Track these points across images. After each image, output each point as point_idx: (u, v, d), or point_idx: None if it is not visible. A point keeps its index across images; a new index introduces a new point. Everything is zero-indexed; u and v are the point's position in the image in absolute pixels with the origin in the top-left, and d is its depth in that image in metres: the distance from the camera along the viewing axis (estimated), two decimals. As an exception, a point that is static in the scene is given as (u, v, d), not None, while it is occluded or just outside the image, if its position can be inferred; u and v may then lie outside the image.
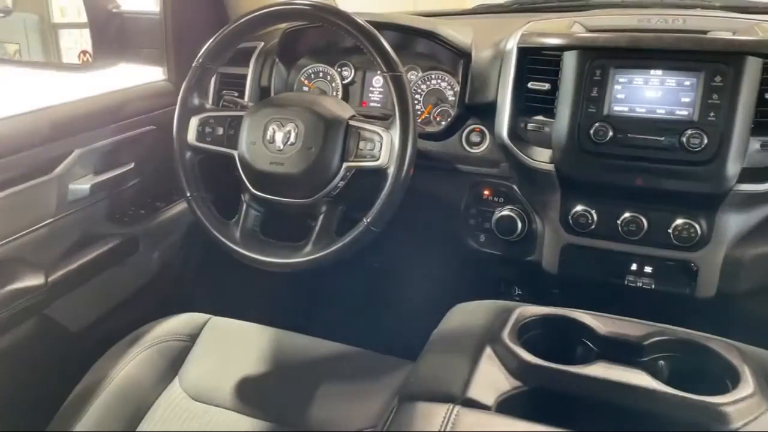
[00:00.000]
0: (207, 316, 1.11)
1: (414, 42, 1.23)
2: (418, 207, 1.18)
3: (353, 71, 1.31)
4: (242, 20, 1.02)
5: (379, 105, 1.30)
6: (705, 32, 1.01)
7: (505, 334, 0.74)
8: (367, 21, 0.97)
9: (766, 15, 1.13)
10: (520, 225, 1.11)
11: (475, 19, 1.40)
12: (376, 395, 0.91)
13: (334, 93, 1.32)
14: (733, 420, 0.60)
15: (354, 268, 1.47)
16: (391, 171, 0.94)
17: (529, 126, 1.08)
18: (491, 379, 0.69)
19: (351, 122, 0.99)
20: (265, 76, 1.30)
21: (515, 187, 1.14)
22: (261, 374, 0.99)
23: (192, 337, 1.06)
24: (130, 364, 0.99)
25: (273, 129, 0.99)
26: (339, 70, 1.32)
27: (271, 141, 0.98)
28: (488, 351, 0.73)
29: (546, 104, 1.06)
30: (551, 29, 1.08)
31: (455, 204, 1.19)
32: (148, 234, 1.26)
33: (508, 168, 1.14)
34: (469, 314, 0.85)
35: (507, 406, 0.66)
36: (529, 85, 1.06)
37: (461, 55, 1.16)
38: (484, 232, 1.17)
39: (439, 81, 1.25)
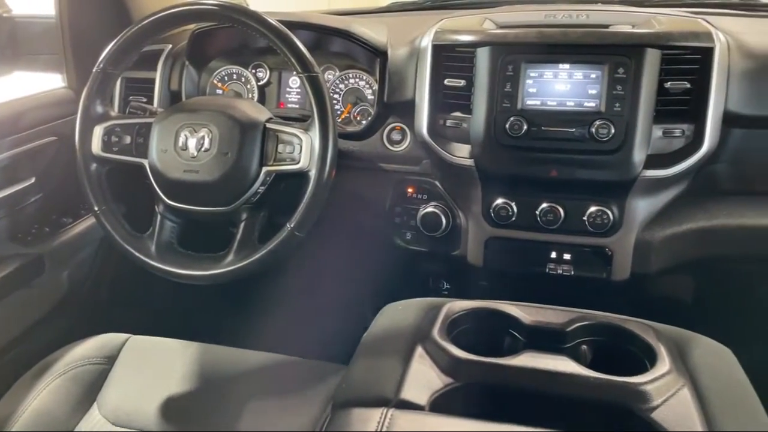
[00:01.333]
0: (125, 335, 1.05)
1: (329, 41, 1.22)
2: (342, 208, 1.17)
3: (268, 72, 1.28)
4: (145, 22, 0.97)
5: (297, 106, 1.28)
6: (607, 26, 1.06)
7: (435, 332, 0.74)
8: (279, 21, 0.95)
9: (662, 8, 1.20)
10: (444, 221, 1.12)
11: (389, 17, 1.40)
12: (309, 403, 0.89)
13: (250, 95, 1.28)
14: (653, 398, 0.62)
15: (280, 274, 1.43)
16: (312, 174, 0.93)
17: (448, 122, 1.09)
18: (424, 379, 0.68)
19: (268, 125, 0.96)
20: (175, 79, 1.24)
21: (438, 184, 1.15)
22: (186, 392, 0.94)
23: (110, 360, 1.00)
24: (41, 395, 0.92)
25: (185, 135, 0.94)
26: (253, 71, 1.28)
27: (184, 148, 0.94)
28: (419, 350, 0.73)
29: (463, 100, 1.07)
30: (463, 26, 1.10)
31: (380, 203, 1.19)
32: (54, 253, 1.18)
33: (429, 165, 1.15)
34: (399, 314, 0.84)
35: (441, 404, 0.66)
36: (446, 82, 1.07)
37: (377, 54, 1.16)
38: (410, 229, 1.17)
39: (357, 80, 1.24)
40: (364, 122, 1.21)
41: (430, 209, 1.13)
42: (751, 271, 1.13)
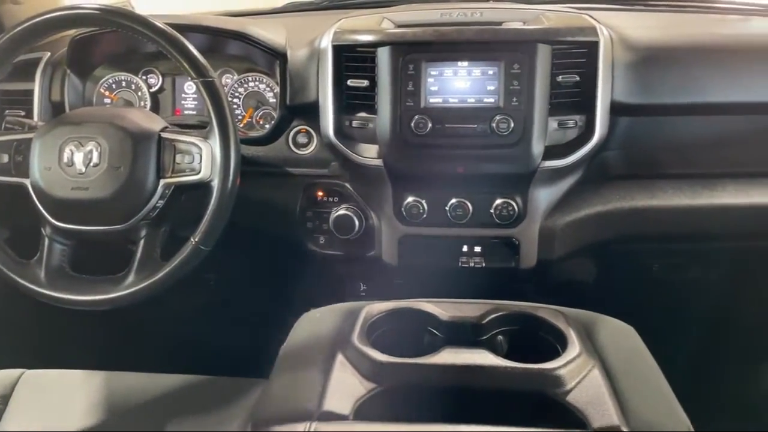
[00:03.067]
0: (19, 370, 0.96)
1: (224, 44, 1.17)
2: (250, 216, 1.13)
3: (161, 78, 1.21)
4: (17, 30, 0.89)
5: (194, 112, 1.22)
6: (500, 23, 1.09)
7: (355, 337, 0.73)
8: (167, 24, 0.90)
9: (549, 5, 1.25)
10: (357, 222, 1.11)
11: (286, 17, 1.37)
12: (228, 423, 0.86)
13: (141, 104, 1.21)
14: (566, 381, 0.65)
15: (188, 290, 1.37)
16: (215, 183, 0.89)
17: (354, 123, 1.08)
18: (346, 387, 0.67)
19: (163, 134, 0.91)
20: (56, 90, 1.15)
21: (348, 185, 1.14)
22: (93, 424, 0.88)
23: (3, 398, 0.91)
24: None
25: (71, 150, 0.87)
26: (144, 77, 1.21)
27: (70, 164, 0.87)
28: (340, 357, 0.72)
29: (367, 101, 1.07)
30: (362, 26, 1.09)
31: (290, 208, 1.16)
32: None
33: (338, 167, 1.14)
34: (317, 322, 0.82)
35: (365, 411, 0.65)
36: (349, 82, 1.06)
37: (276, 56, 1.13)
38: (322, 233, 1.15)
39: (257, 83, 1.20)
40: (267, 126, 1.18)
41: (342, 212, 1.12)
42: (645, 250, 1.21)
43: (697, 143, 1.17)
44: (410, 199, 1.08)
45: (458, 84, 1.03)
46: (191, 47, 0.89)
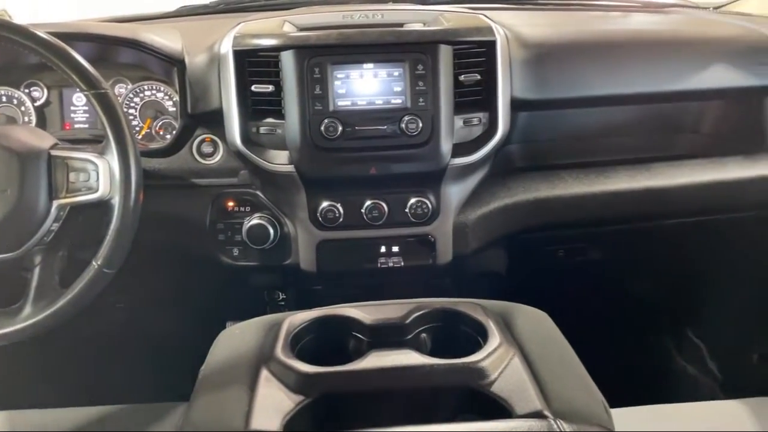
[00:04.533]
0: None
1: (115, 52, 1.11)
2: (158, 233, 1.08)
3: (46, 91, 1.12)
4: None
5: (86, 126, 1.14)
6: (401, 25, 1.11)
7: (278, 350, 0.71)
8: (49, 33, 0.83)
9: (447, 5, 1.29)
10: (272, 231, 1.09)
11: (181, 22, 1.31)
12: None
13: (26, 119, 1.11)
14: (489, 373, 0.67)
15: (96, 315, 1.28)
16: (116, 201, 0.83)
17: (262, 129, 1.06)
18: (273, 402, 0.65)
19: (53, 152, 0.84)
20: None
21: (260, 194, 1.12)
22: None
23: None
24: None
25: (-55, 175, 0.79)
26: (27, 91, 1.12)
27: (-55, 190, 0.78)
28: (265, 373, 0.70)
29: (274, 106, 1.05)
30: (263, 30, 1.07)
31: (199, 221, 1.12)
32: None
33: (248, 175, 1.11)
34: (237, 338, 0.80)
35: (295, 425, 0.63)
36: (253, 88, 1.04)
37: (173, 63, 1.08)
38: (236, 245, 1.12)
39: (154, 92, 1.15)
40: (168, 137, 1.12)
41: (255, 221, 1.09)
42: (551, 237, 1.28)
43: (589, 134, 1.25)
44: (325, 203, 1.07)
45: (365, 86, 1.03)
46: (79, 58, 0.84)
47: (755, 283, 1.47)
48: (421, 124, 1.02)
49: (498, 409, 0.64)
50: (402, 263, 1.11)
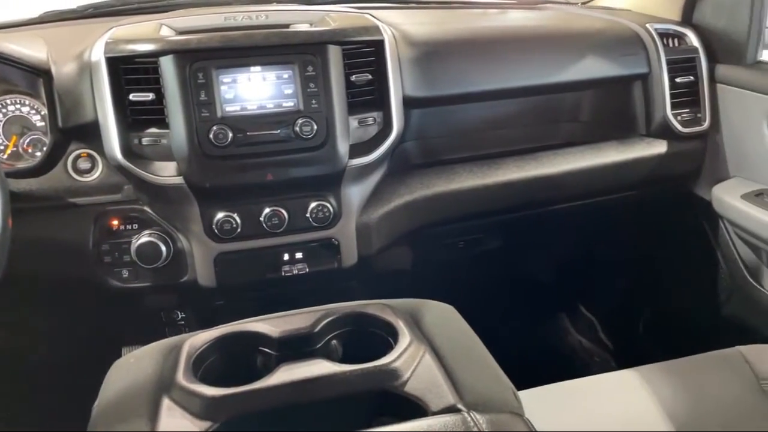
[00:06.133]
0: None
1: None
2: (33, 260, 0.98)
3: None
4: None
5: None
6: (287, 26, 1.08)
7: (180, 375, 0.67)
8: None
9: (332, 5, 1.27)
10: (164, 248, 1.02)
11: (44, 29, 1.20)
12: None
13: None
14: (402, 373, 0.66)
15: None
16: (-22, 230, 0.74)
17: (144, 141, 0.99)
18: (177, 433, 0.61)
19: None
20: None
21: (147, 209, 1.05)
22: None
23: None
24: None
25: None
26: None
27: None
28: (166, 402, 0.65)
29: (156, 115, 0.99)
30: (139, 34, 1.00)
31: (81, 244, 1.03)
32: None
33: (133, 190, 1.04)
34: (132, 367, 0.74)
35: (203, 453, 0.59)
36: (131, 97, 0.97)
37: (38, 74, 0.99)
38: (125, 266, 1.04)
39: (18, 106, 1.04)
40: (38, 154, 1.03)
41: (144, 239, 1.02)
42: (451, 230, 1.30)
43: (479, 128, 1.30)
44: (221, 214, 1.02)
45: (254, 90, 0.99)
46: None
47: (637, 257, 1.60)
48: (315, 127, 1.00)
49: (413, 408, 0.64)
50: (307, 269, 1.09)
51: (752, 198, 1.19)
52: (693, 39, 1.28)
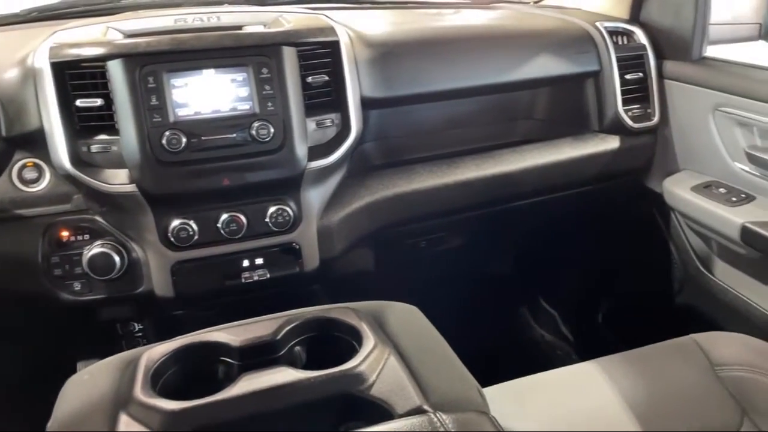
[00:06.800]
0: None
1: None
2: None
3: None
4: None
5: None
6: (240, 27, 1.06)
7: (137, 390, 0.65)
8: None
9: (285, 6, 1.26)
10: (117, 259, 0.99)
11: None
12: None
13: None
14: (367, 376, 0.66)
15: None
16: None
17: (94, 148, 0.96)
18: (137, 450, 0.59)
19: None
20: None
21: (99, 219, 1.01)
22: None
23: None
24: None
25: None
26: None
27: None
28: (124, 418, 0.62)
29: (106, 121, 0.96)
30: (84, 38, 0.97)
31: (29, 257, 0.99)
32: None
33: (83, 199, 1.00)
34: (87, 384, 0.71)
35: (165, 471, 0.58)
36: (78, 103, 0.94)
37: None
38: (77, 278, 1.00)
39: None
40: (-20, 165, 0.98)
41: (97, 250, 0.99)
42: (413, 230, 1.31)
43: (438, 127, 1.30)
44: (176, 222, 1.00)
45: (208, 93, 0.97)
46: None
47: (594, 250, 1.63)
48: (272, 130, 0.99)
49: (380, 412, 0.64)
50: (268, 275, 1.07)
51: (701, 190, 1.23)
52: (641, 37, 1.31)
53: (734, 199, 1.17)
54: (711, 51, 1.27)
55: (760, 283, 1.17)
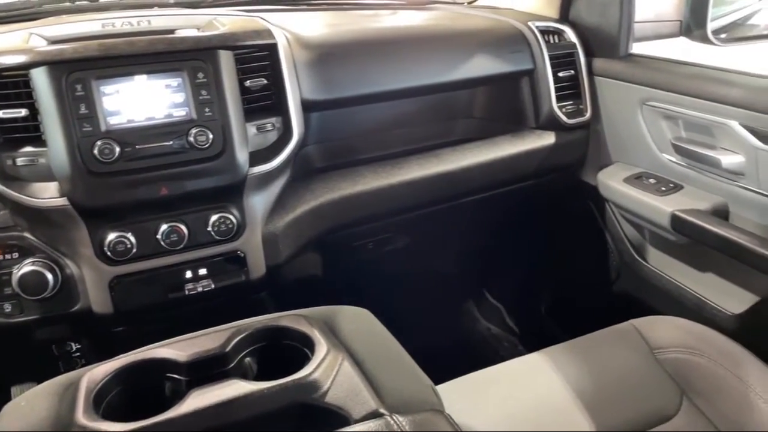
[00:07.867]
0: None
1: None
2: None
3: None
4: None
5: None
6: (172, 31, 1.03)
7: (79, 414, 0.61)
8: None
9: (219, 8, 1.23)
10: (50, 277, 0.94)
11: None
12: None
13: None
14: (322, 383, 0.65)
15: None
16: None
17: (19, 161, 0.91)
18: (81, 479, 0.56)
19: None
20: None
21: (28, 235, 0.96)
22: None
23: None
24: None
25: None
26: None
27: None
28: (65, 446, 0.59)
29: (31, 132, 0.91)
30: (5, 46, 0.92)
31: None
32: None
33: (9, 215, 0.95)
34: (25, 411, 0.67)
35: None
36: (0, 114, 0.89)
37: None
38: (7, 299, 0.95)
39: None
40: None
41: (27, 268, 0.93)
42: (359, 232, 1.30)
43: (380, 128, 1.31)
44: (113, 235, 0.95)
45: (141, 100, 0.93)
46: None
47: (536, 243, 1.68)
48: (211, 136, 0.96)
49: (336, 418, 0.63)
50: (212, 286, 1.04)
51: (633, 181, 1.28)
52: (571, 35, 1.36)
53: (663, 188, 1.22)
54: (636, 48, 1.33)
55: (690, 267, 1.24)
